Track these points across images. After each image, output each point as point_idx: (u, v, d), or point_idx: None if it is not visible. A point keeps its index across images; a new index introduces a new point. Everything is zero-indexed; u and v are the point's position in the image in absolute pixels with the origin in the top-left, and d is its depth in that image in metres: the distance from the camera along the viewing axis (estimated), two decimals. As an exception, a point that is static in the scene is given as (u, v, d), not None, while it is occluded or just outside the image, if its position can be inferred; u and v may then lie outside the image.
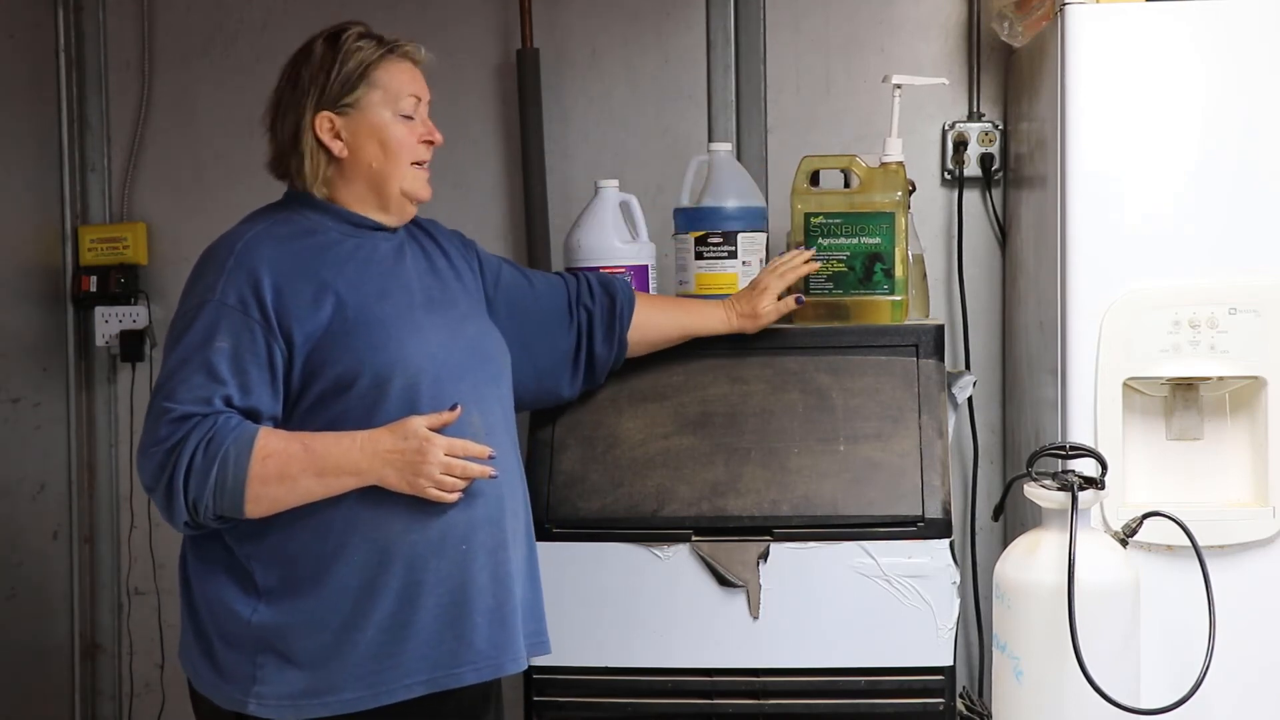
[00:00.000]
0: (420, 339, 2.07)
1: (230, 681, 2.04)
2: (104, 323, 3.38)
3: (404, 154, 2.12)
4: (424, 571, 2.02)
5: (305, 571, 2.01)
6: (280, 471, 1.96)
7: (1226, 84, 2.48)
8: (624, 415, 2.57)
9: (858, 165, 2.66)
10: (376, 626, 2.01)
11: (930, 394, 2.53)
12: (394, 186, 2.13)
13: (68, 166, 3.36)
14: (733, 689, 2.44)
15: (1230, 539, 2.47)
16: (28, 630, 3.28)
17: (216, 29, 3.35)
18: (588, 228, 2.76)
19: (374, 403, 2.02)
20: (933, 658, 2.41)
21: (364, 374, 2.01)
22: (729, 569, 2.43)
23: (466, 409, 2.05)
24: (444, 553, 2.03)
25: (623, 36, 3.26)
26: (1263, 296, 2.46)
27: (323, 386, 2.02)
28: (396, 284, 2.12)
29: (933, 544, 2.40)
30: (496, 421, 2.14)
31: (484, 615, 2.06)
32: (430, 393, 2.04)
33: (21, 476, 3.28)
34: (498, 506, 2.09)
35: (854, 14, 3.20)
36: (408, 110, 2.12)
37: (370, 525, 2.01)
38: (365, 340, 2.02)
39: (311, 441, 1.98)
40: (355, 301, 2.05)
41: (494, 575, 2.08)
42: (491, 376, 2.17)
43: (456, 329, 2.14)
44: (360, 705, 2.01)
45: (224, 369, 1.98)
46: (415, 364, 2.04)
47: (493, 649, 2.07)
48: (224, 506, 1.97)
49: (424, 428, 1.98)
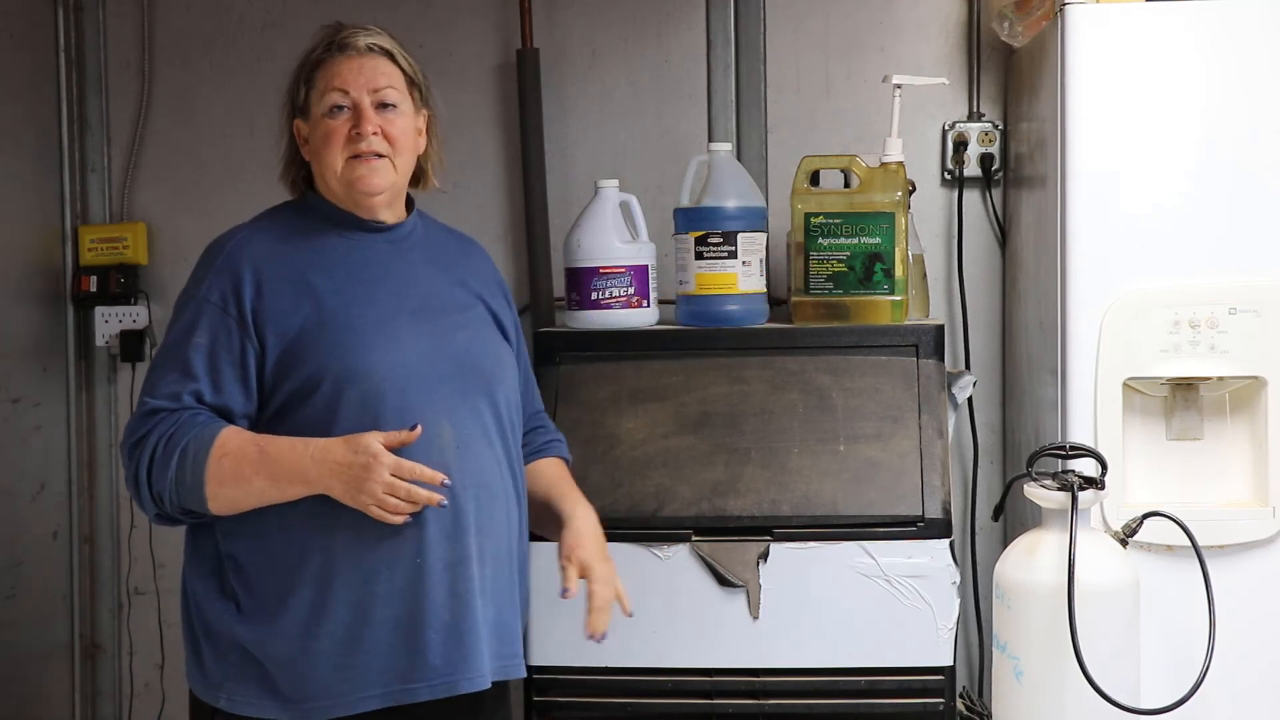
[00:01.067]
0: (392, 347, 2.03)
1: (208, 676, 2.06)
2: (104, 323, 3.38)
3: (327, 150, 2.07)
4: (376, 584, 1.99)
5: (270, 577, 2.01)
6: (235, 472, 1.95)
7: (1226, 84, 2.48)
8: (624, 415, 2.57)
9: (858, 165, 2.66)
10: (331, 637, 1.99)
11: (930, 394, 2.53)
12: (331, 181, 2.09)
13: (68, 166, 3.36)
14: (733, 689, 2.44)
15: (1230, 539, 2.47)
16: (28, 630, 3.28)
17: (216, 29, 3.35)
18: (588, 228, 2.76)
19: (333, 409, 1.98)
20: (933, 658, 2.41)
21: (325, 379, 1.99)
22: (729, 569, 2.43)
23: (437, 421, 2.01)
24: (397, 565, 1.99)
25: (623, 36, 3.26)
26: (1263, 296, 2.46)
27: (291, 388, 2.01)
28: (386, 288, 2.09)
29: (933, 544, 2.41)
30: (474, 435, 2.07)
31: (438, 632, 2.01)
32: (395, 403, 2.00)
33: (21, 476, 3.28)
34: (455, 522, 2.02)
35: (854, 14, 3.20)
36: (334, 105, 2.07)
37: (326, 534, 1.99)
38: (332, 345, 2.01)
39: (268, 444, 1.96)
40: (333, 305, 2.03)
41: (451, 591, 2.02)
42: (477, 389, 2.09)
43: (444, 338, 2.09)
44: (318, 715, 2.01)
45: (199, 365, 1.99)
46: (380, 373, 2.00)
47: (448, 666, 2.02)
48: (187, 501, 1.98)
49: (376, 444, 1.91)
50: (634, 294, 2.75)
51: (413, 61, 2.16)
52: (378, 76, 2.09)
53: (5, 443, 3.22)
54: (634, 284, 2.75)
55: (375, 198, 2.10)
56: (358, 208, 2.11)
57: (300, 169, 2.16)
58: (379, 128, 2.07)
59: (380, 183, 2.09)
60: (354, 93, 2.07)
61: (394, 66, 2.12)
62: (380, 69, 2.10)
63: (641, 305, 2.77)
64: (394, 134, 2.09)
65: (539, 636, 2.45)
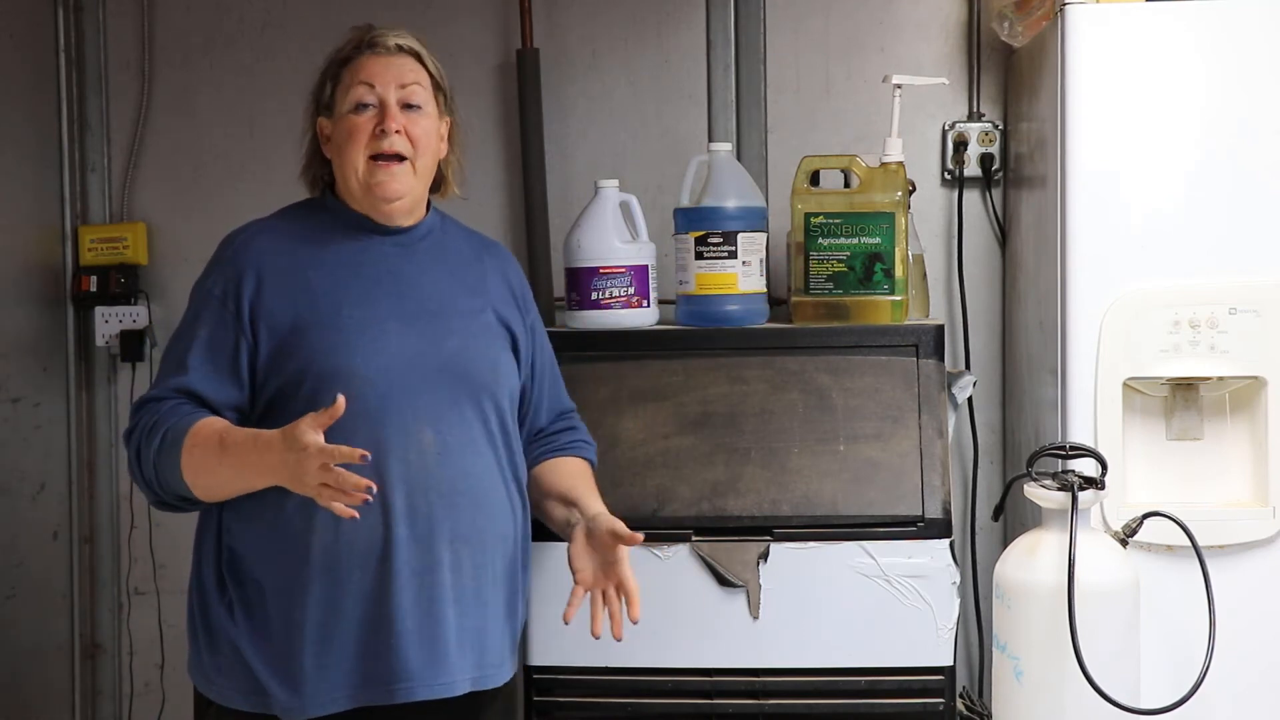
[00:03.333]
0: (378, 351, 2.03)
1: (204, 670, 2.08)
2: (104, 323, 3.37)
3: (351, 146, 2.07)
4: (347, 583, 2.00)
5: (259, 573, 2.03)
6: (203, 463, 1.96)
7: (1226, 84, 2.48)
8: (624, 415, 2.57)
9: (858, 165, 2.66)
10: (307, 635, 2.00)
11: (930, 394, 2.53)
12: (351, 181, 2.08)
13: (68, 166, 3.36)
14: (733, 689, 2.44)
15: (1230, 539, 2.47)
16: (28, 630, 3.28)
17: (216, 29, 3.35)
18: (588, 228, 2.76)
19: (314, 408, 1.94)
20: (933, 658, 2.41)
21: (307, 378, 2.00)
22: (729, 569, 2.43)
23: (418, 427, 2.02)
24: (367, 566, 2.00)
25: (623, 36, 3.26)
26: (1263, 296, 2.46)
27: (278, 384, 2.02)
28: (384, 290, 2.09)
29: (933, 544, 2.41)
30: (460, 442, 2.05)
31: (406, 636, 2.01)
32: (375, 405, 2.00)
33: (21, 476, 3.28)
34: (427, 527, 2.02)
35: (854, 14, 3.20)
36: (360, 101, 2.07)
37: (301, 532, 1.99)
38: (317, 345, 2.01)
39: (227, 435, 1.96)
40: (326, 304, 2.04)
41: (418, 597, 2.02)
42: (465, 395, 2.08)
43: (436, 343, 2.08)
44: (297, 714, 2.02)
45: (195, 357, 2.02)
46: (361, 375, 2.00)
47: (415, 671, 2.02)
48: (173, 488, 2.00)
49: (306, 435, 1.82)
50: (634, 294, 2.75)
51: (440, 67, 2.17)
52: (405, 74, 2.10)
53: (5, 443, 3.22)
54: (634, 284, 2.75)
55: (394, 204, 2.10)
56: (375, 211, 2.11)
57: (323, 167, 2.16)
58: (403, 127, 2.07)
59: (399, 188, 2.08)
60: (380, 89, 2.07)
61: (421, 68, 2.13)
62: (408, 68, 2.11)
63: (641, 305, 2.77)
64: (416, 134, 2.09)
65: (539, 636, 2.45)
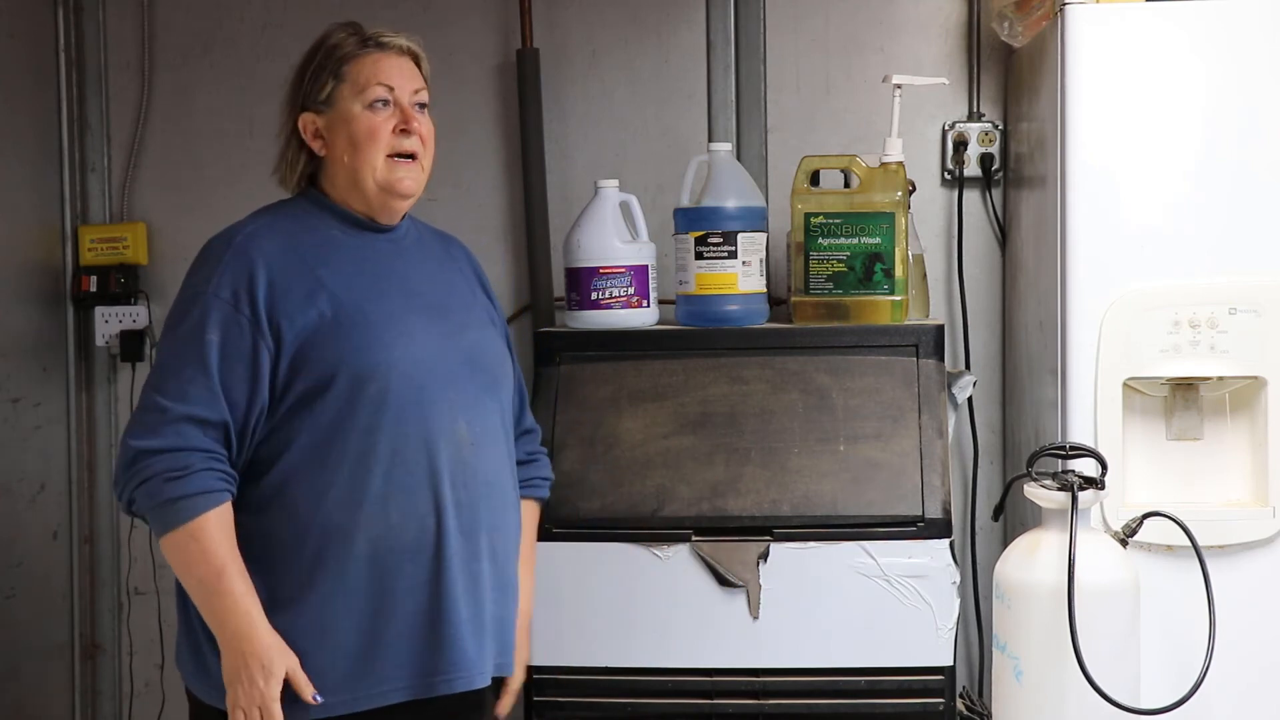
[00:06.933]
0: (409, 343, 2.03)
1: (213, 678, 2.03)
2: (104, 323, 3.37)
3: (371, 144, 2.07)
4: (398, 577, 2.00)
5: (285, 580, 2.00)
6: (186, 563, 1.96)
7: (1226, 84, 2.48)
8: (624, 415, 2.57)
9: (858, 165, 2.67)
10: (355, 630, 2.00)
11: (930, 394, 2.53)
12: (367, 179, 2.08)
13: (68, 166, 3.36)
14: (733, 689, 2.45)
15: (1230, 539, 2.47)
16: (28, 630, 3.28)
17: (216, 29, 3.35)
18: (588, 228, 2.76)
19: (351, 405, 1.98)
20: (933, 658, 2.41)
21: (341, 375, 1.99)
22: (729, 569, 2.43)
23: (453, 419, 2.04)
24: (419, 559, 2.01)
25: (623, 36, 3.26)
26: (1263, 296, 2.46)
27: (305, 385, 2.00)
28: (394, 285, 2.09)
29: (933, 544, 2.41)
30: (488, 431, 2.10)
31: (458, 626, 2.03)
32: (414, 398, 2.01)
33: (21, 476, 3.28)
34: (472, 518, 2.05)
35: (854, 14, 3.20)
36: (377, 99, 2.08)
37: (346, 531, 1.99)
38: (349, 341, 2.00)
39: (225, 570, 1.95)
40: (347, 301, 2.03)
41: (467, 586, 2.05)
42: (486, 386, 2.12)
43: (454, 336, 2.10)
44: (338, 710, 2.01)
45: (212, 363, 1.96)
46: (399, 369, 2.01)
47: (469, 659, 2.05)
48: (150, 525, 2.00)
49: (274, 688, 1.94)
50: (634, 294, 2.76)
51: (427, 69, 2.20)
52: (416, 77, 2.13)
53: (5, 443, 3.22)
54: (634, 284, 2.75)
55: (406, 200, 2.13)
56: (384, 209, 2.12)
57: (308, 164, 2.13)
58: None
59: (414, 186, 2.12)
60: (399, 90, 2.09)
61: (418, 71, 2.15)
62: (415, 70, 2.14)
63: (641, 305, 2.77)
64: (425, 135, 2.12)
65: (539, 636, 2.45)
